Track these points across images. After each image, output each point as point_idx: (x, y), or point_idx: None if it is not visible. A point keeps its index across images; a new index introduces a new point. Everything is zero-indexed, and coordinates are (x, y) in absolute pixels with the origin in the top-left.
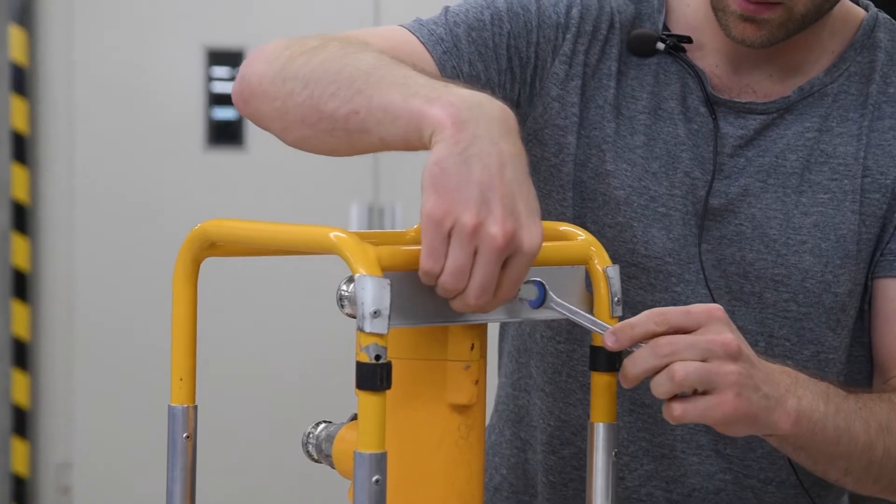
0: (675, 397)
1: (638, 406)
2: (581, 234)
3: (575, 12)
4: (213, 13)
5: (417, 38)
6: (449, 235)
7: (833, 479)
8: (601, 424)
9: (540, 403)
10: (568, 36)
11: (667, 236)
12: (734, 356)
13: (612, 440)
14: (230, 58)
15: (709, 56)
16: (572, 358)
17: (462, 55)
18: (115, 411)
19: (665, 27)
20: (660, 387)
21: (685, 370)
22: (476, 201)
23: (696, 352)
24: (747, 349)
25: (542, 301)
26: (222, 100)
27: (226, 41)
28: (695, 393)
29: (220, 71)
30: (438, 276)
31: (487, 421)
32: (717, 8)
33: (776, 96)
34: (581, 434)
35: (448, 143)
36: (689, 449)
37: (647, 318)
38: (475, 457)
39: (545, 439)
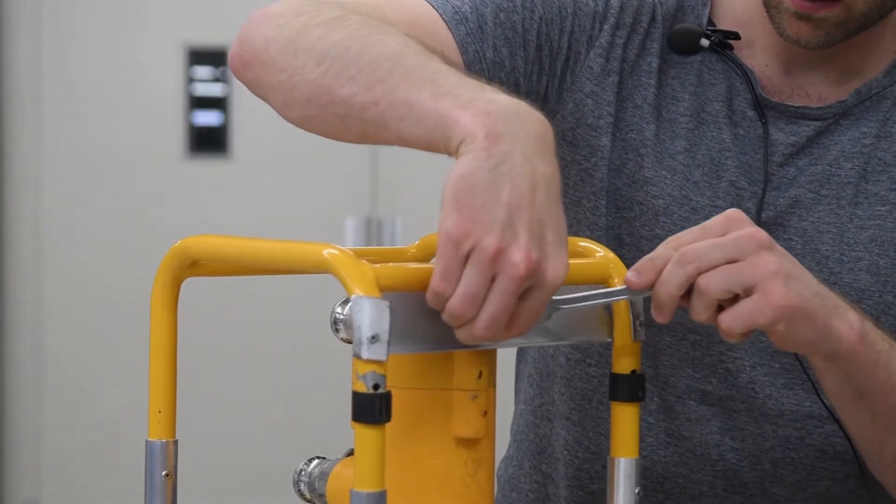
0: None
1: (675, 438)
2: (599, 251)
3: (614, 1)
4: (193, 8)
5: (440, 14)
6: (467, 258)
7: (890, 460)
8: (622, 460)
9: (564, 433)
10: (606, 26)
11: None
12: (767, 246)
13: (636, 476)
14: (213, 57)
15: (758, 55)
16: (604, 383)
17: (486, 38)
18: (86, 446)
19: (710, 22)
20: (696, 307)
21: (708, 276)
22: (501, 224)
23: (723, 250)
24: (781, 248)
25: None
26: (205, 103)
27: (208, 39)
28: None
29: (203, 71)
30: (448, 300)
31: (504, 452)
32: (770, 5)
33: (831, 100)
34: None
35: (478, 156)
36: (732, 487)
37: (664, 247)
38: (484, 495)
39: (571, 473)
